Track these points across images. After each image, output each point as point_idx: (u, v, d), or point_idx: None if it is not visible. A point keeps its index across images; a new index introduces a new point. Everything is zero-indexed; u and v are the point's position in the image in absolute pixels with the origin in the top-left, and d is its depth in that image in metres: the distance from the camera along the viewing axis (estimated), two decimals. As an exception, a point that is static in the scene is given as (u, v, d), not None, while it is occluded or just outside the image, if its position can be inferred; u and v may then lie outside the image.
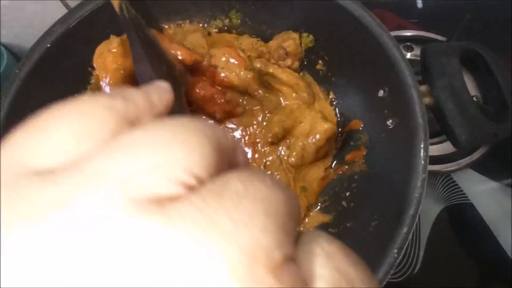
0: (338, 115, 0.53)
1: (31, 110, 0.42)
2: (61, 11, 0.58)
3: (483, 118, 0.38)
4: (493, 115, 0.41)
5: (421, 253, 0.55)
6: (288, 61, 0.50)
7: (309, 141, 0.48)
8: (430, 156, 0.57)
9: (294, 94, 0.51)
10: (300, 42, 0.51)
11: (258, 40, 0.55)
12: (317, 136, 0.48)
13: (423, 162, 0.36)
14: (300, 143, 0.48)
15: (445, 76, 0.40)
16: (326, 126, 0.48)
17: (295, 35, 0.51)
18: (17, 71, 0.43)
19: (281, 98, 0.52)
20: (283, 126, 0.49)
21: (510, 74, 0.61)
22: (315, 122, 0.49)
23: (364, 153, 0.47)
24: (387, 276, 0.34)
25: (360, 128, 0.49)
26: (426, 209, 0.58)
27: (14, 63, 0.65)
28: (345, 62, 0.51)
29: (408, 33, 0.67)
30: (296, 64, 0.52)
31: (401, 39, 0.67)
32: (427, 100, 0.41)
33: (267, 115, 0.52)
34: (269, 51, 0.51)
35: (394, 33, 0.66)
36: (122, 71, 0.46)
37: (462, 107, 0.38)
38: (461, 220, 0.59)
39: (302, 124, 0.49)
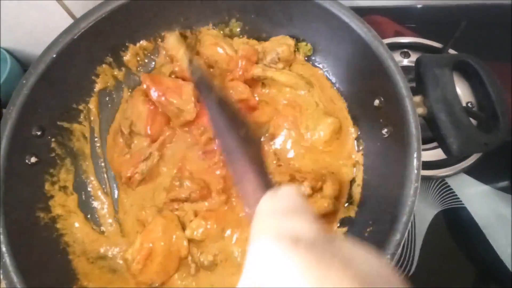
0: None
1: (38, 119, 0.43)
2: (63, 18, 0.59)
3: (474, 128, 0.40)
4: (484, 124, 0.43)
5: (417, 255, 0.56)
6: (280, 65, 0.52)
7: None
8: (426, 161, 0.59)
9: (296, 92, 0.53)
10: (295, 49, 0.53)
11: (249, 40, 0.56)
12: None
13: (416, 171, 0.38)
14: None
15: (438, 87, 0.41)
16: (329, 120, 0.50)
17: (291, 41, 0.53)
18: (24, 81, 0.44)
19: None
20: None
21: (511, 80, 0.62)
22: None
23: (362, 161, 0.49)
24: (380, 280, 0.35)
25: (358, 134, 0.51)
26: (421, 212, 0.59)
27: (17, 68, 0.66)
28: (342, 70, 0.53)
29: (405, 39, 0.68)
30: (287, 69, 0.53)
31: (398, 46, 0.68)
32: (420, 110, 0.42)
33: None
34: (264, 51, 0.52)
35: (391, 40, 0.68)
36: None
37: (454, 117, 0.40)
38: (456, 223, 0.60)
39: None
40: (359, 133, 0.50)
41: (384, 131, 0.45)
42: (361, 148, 0.49)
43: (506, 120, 0.39)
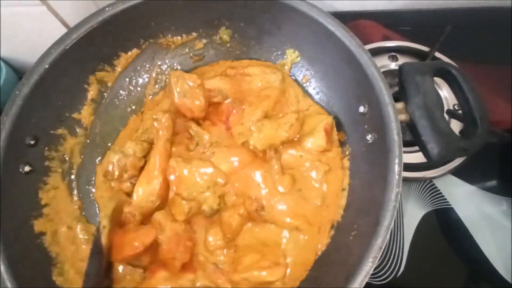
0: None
1: (32, 128, 0.45)
2: (57, 27, 0.60)
3: (454, 134, 0.41)
4: (464, 129, 0.44)
5: (405, 256, 0.57)
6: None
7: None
8: (414, 164, 0.60)
9: None
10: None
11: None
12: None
13: (397, 176, 0.39)
14: None
15: (420, 94, 0.42)
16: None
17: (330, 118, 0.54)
18: (17, 91, 0.46)
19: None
20: None
21: (510, 83, 0.64)
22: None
23: (347, 165, 0.50)
24: (363, 283, 0.37)
25: (345, 139, 0.52)
26: (409, 213, 0.61)
27: (13, 76, 0.68)
28: (329, 77, 0.54)
29: (393, 43, 0.69)
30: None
31: (386, 50, 0.69)
32: (403, 116, 0.43)
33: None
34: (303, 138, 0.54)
35: (379, 44, 0.69)
36: None
37: (435, 124, 0.41)
38: (444, 223, 0.61)
39: None
40: (346, 138, 0.52)
41: (369, 136, 0.46)
42: (347, 152, 0.50)
43: (484, 126, 0.41)
